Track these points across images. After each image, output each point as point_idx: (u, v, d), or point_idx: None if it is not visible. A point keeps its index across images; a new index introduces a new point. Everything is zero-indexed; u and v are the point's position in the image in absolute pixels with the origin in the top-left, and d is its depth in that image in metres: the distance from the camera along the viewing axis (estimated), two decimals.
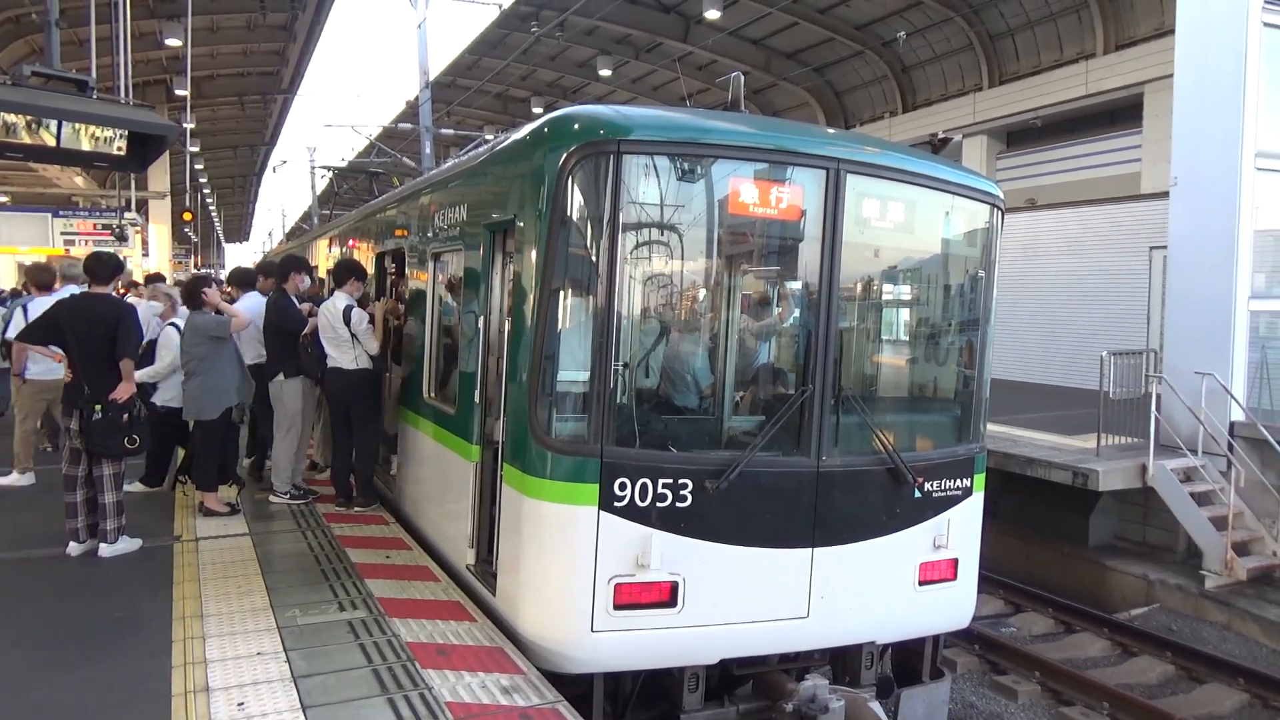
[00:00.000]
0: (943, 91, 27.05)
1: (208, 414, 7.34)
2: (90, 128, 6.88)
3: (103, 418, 6.20)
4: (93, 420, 6.19)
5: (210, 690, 4.30)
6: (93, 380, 6.26)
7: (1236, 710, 7.76)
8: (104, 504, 6.41)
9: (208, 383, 7.26)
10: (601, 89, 33.23)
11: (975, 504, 5.71)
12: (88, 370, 6.30)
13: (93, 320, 6.31)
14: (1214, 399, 10.44)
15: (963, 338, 6.06)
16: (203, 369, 7.25)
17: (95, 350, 6.28)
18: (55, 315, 6.64)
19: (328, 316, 7.56)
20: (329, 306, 7.62)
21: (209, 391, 7.28)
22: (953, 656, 8.41)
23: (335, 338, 7.53)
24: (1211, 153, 10.91)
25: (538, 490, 4.78)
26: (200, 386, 7.28)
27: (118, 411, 6.26)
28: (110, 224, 26.03)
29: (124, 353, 6.30)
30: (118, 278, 6.65)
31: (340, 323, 7.47)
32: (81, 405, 6.24)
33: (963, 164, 8.36)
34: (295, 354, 7.80)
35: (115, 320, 6.31)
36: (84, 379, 6.29)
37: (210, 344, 7.26)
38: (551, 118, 5.16)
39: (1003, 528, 11.19)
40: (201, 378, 7.26)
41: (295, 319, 7.83)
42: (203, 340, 7.26)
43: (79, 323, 6.34)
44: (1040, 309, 17.73)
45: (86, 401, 6.21)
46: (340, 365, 7.56)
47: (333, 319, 7.51)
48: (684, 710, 5.01)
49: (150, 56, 24.66)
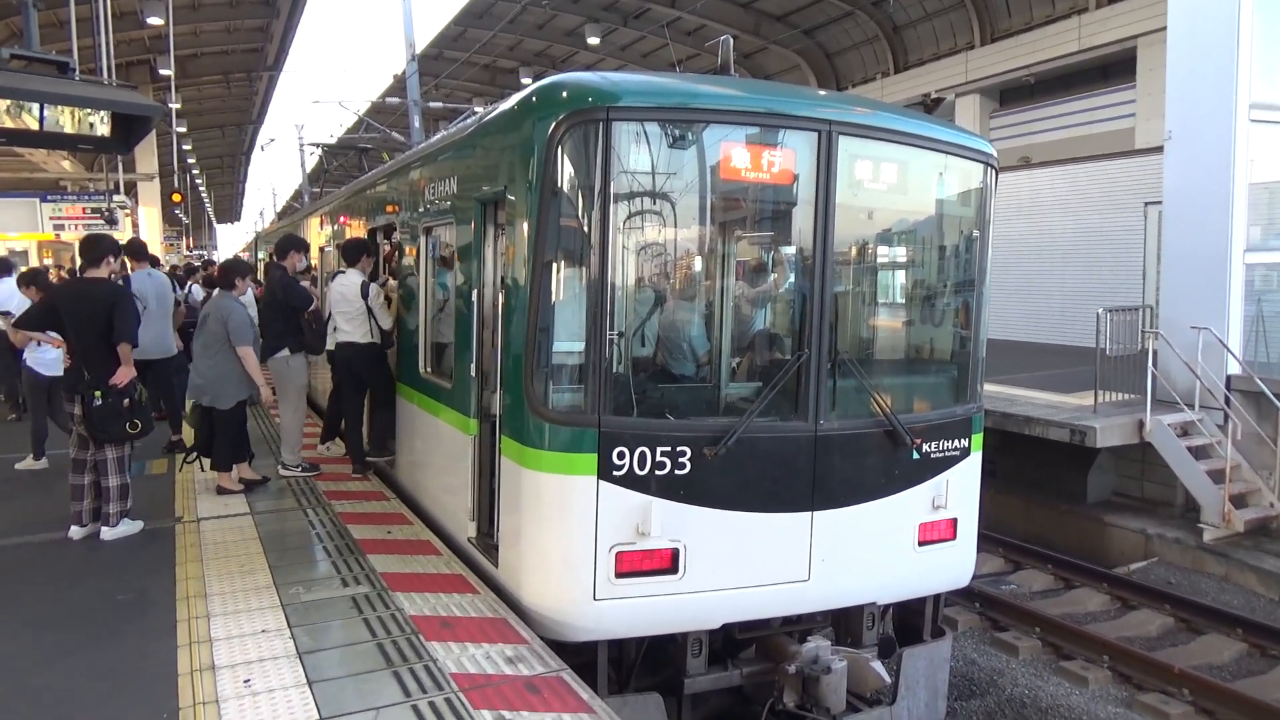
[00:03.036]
0: (934, 51, 26.79)
1: (223, 404, 7.38)
2: (74, 110, 6.81)
3: (103, 403, 6.15)
4: (93, 406, 6.14)
5: (216, 668, 4.33)
6: (91, 365, 6.20)
7: (1235, 660, 7.84)
8: (107, 488, 6.39)
9: (222, 369, 7.29)
10: (590, 57, 32.88)
11: (973, 464, 5.72)
12: (85, 355, 6.24)
13: (88, 304, 6.23)
14: (1210, 353, 10.45)
15: (958, 298, 6.04)
16: (220, 351, 7.28)
17: (92, 335, 6.21)
18: (52, 300, 6.62)
19: (342, 291, 7.86)
20: (344, 281, 7.94)
21: (223, 379, 7.32)
22: (953, 615, 8.50)
23: (349, 312, 7.84)
24: (1206, 106, 10.82)
25: (536, 462, 4.78)
26: (216, 373, 7.30)
27: (118, 396, 6.21)
28: (99, 208, 25.86)
29: (121, 336, 6.23)
30: (109, 259, 6.58)
31: (357, 296, 7.78)
32: (82, 391, 6.18)
33: (956, 123, 8.29)
34: (299, 330, 8.06)
35: (111, 304, 6.24)
36: (82, 364, 6.23)
37: (223, 334, 7.29)
38: (539, 86, 5.10)
39: (1001, 487, 11.25)
40: (217, 362, 7.28)
41: (302, 296, 8.12)
42: (221, 324, 7.29)
43: (75, 307, 6.27)
44: (1036, 267, 17.71)
45: (86, 387, 6.16)
46: (353, 339, 7.90)
47: (349, 293, 7.81)
48: (688, 675, 5.06)
49: (132, 36, 24.34)
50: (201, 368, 7.40)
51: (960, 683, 7.41)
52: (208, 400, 7.40)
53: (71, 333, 6.33)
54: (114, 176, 26.76)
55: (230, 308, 7.33)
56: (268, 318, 8.05)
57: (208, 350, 7.36)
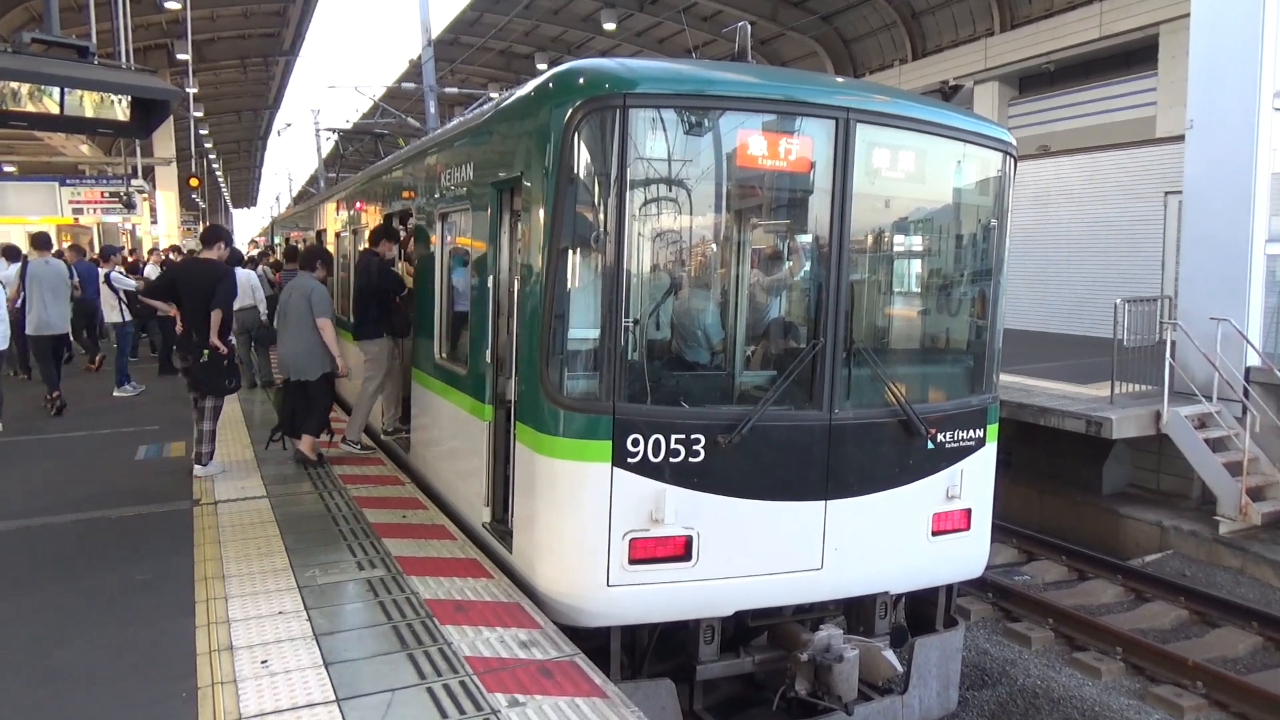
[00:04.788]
0: (953, 37, 26.57)
1: (310, 375, 7.88)
2: (93, 94, 6.85)
3: (208, 361, 7.39)
4: (199, 363, 7.41)
5: (234, 649, 4.38)
6: (199, 330, 7.37)
7: (1250, 653, 7.80)
8: (202, 431, 7.63)
9: (307, 344, 7.81)
10: (606, 43, 32.77)
11: (988, 454, 5.71)
12: (194, 321, 7.40)
13: (199, 280, 7.45)
14: (1229, 344, 10.36)
15: (975, 288, 6.01)
16: (305, 327, 7.77)
17: (199, 305, 7.36)
18: (171, 275, 8.06)
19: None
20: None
21: (309, 354, 7.85)
22: (966, 605, 8.49)
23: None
24: (1228, 94, 10.69)
25: (551, 448, 4.80)
26: (301, 348, 7.83)
27: (219, 357, 7.43)
28: (118, 191, 26.02)
29: (215, 304, 7.37)
30: (220, 245, 7.90)
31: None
32: (191, 351, 7.41)
33: (974, 111, 8.23)
34: (389, 314, 8.35)
35: (216, 280, 7.46)
36: (191, 328, 7.41)
37: (307, 310, 7.79)
38: (556, 73, 5.09)
39: (1016, 477, 11.21)
40: (302, 337, 7.79)
41: (396, 281, 8.41)
42: (305, 300, 7.80)
43: (189, 281, 7.48)
44: (1053, 257, 17.57)
45: (195, 347, 7.38)
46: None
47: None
48: (700, 661, 5.08)
49: (150, 20, 24.42)
50: (288, 345, 7.95)
51: (972, 673, 7.40)
52: (295, 375, 7.94)
53: (185, 302, 7.45)
54: (132, 161, 26.93)
55: (312, 286, 7.94)
56: (364, 301, 8.41)
57: (294, 328, 7.86)
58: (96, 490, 7.34)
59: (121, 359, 12.17)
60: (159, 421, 10.00)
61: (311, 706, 3.85)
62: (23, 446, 9.01)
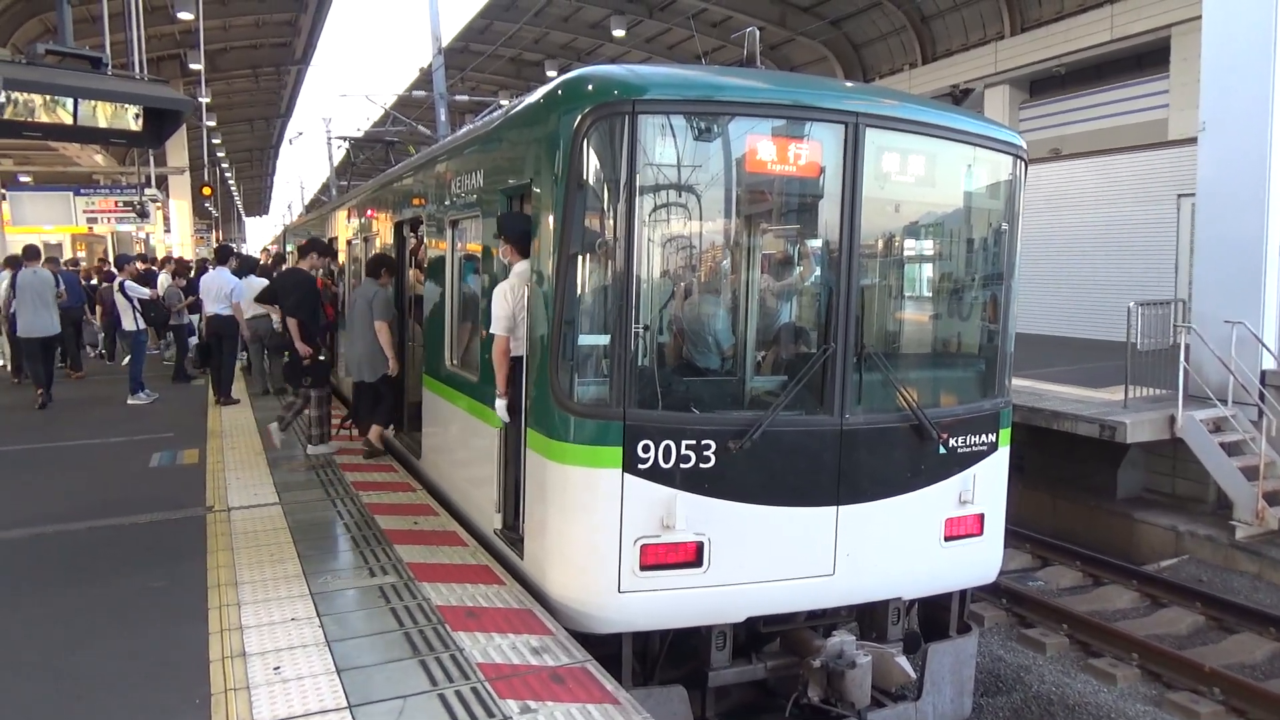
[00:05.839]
0: (963, 41, 26.49)
1: (373, 376, 8.29)
2: (106, 105, 6.91)
3: (290, 360, 8.86)
4: (284, 362, 9.11)
5: (247, 655, 4.39)
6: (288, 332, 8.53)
7: (1268, 659, 7.73)
8: (310, 416, 8.76)
9: (369, 347, 8.18)
10: (615, 50, 32.82)
11: (1001, 459, 5.68)
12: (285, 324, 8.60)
13: (290, 287, 8.79)
14: (1244, 348, 10.29)
15: (986, 292, 5.98)
16: (366, 335, 8.16)
17: (290, 309, 8.53)
18: (273, 284, 9.58)
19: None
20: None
21: (372, 356, 8.23)
22: (980, 611, 8.44)
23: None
24: (1241, 96, 10.63)
25: (561, 454, 4.80)
26: (364, 350, 8.24)
27: (298, 357, 8.62)
28: (132, 201, 26.22)
29: (288, 311, 8.57)
30: (313, 255, 9.14)
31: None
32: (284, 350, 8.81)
33: (984, 115, 8.21)
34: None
35: (293, 288, 8.74)
36: (284, 330, 8.59)
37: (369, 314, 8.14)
38: (565, 79, 5.11)
39: (1029, 482, 11.16)
40: (363, 344, 8.21)
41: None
42: (368, 304, 8.16)
43: (282, 289, 8.93)
44: (1065, 261, 17.48)
45: (286, 347, 8.70)
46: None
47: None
48: (712, 668, 5.06)
49: (163, 31, 24.61)
50: (355, 346, 8.41)
51: (986, 679, 7.36)
52: (357, 375, 8.44)
53: (281, 307, 8.75)
54: (145, 170, 27.13)
55: (375, 291, 8.28)
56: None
57: (358, 331, 8.27)
58: (110, 497, 7.38)
59: (135, 367, 12.25)
60: (173, 429, 10.05)
61: (324, 713, 3.86)
62: (37, 454, 9.08)
